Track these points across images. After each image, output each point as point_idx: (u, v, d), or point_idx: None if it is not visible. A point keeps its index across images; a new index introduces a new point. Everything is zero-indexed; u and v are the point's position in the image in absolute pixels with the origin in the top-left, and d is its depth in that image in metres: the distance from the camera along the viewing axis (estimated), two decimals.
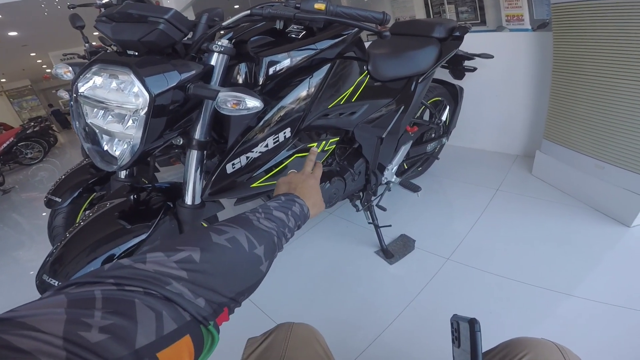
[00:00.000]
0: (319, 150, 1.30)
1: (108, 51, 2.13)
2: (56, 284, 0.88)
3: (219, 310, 0.41)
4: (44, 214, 3.38)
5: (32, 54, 9.73)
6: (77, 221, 1.67)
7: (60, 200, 1.60)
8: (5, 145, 6.04)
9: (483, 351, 0.64)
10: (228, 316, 0.43)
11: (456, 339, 0.60)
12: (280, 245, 0.55)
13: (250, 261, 0.47)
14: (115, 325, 0.29)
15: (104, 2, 1.50)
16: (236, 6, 5.40)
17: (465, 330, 0.58)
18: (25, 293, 1.89)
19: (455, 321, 0.61)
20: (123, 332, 0.29)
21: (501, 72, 2.34)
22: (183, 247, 0.41)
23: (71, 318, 0.27)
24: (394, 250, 1.71)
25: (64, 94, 1.99)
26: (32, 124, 7.03)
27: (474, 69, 2.10)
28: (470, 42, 2.00)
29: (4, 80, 12.44)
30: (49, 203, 1.61)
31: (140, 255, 0.39)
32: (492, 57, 2.04)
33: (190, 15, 4.56)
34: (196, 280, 0.39)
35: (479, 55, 2.03)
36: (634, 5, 1.38)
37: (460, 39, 1.81)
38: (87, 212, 1.72)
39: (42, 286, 0.89)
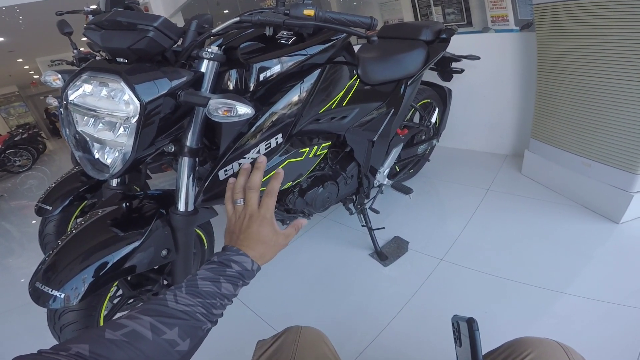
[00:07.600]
0: (310, 156, 1.30)
1: (97, 58, 2.12)
2: (49, 291, 0.87)
3: None
4: (33, 221, 3.35)
5: (19, 60, 9.53)
6: (69, 229, 1.66)
7: (50, 208, 1.58)
8: None
9: (487, 351, 0.66)
10: None
11: (457, 339, 0.63)
12: (211, 317, 0.55)
13: (157, 348, 0.48)
14: None
15: (91, 8, 1.49)
16: (226, 11, 5.37)
17: (464, 330, 0.61)
18: (16, 300, 1.89)
19: (456, 321, 0.64)
20: None
21: (488, 73, 2.37)
22: (71, 345, 0.42)
23: None
24: (388, 252, 1.72)
25: (52, 101, 1.97)
26: (20, 131, 6.94)
27: (462, 71, 2.13)
28: (457, 44, 2.02)
29: None
30: (39, 211, 1.59)
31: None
32: (478, 58, 2.07)
33: (180, 20, 4.55)
34: None
35: (465, 57, 2.06)
36: (612, 4, 1.42)
37: (447, 41, 1.83)
38: (78, 220, 1.72)
39: (35, 293, 0.88)
